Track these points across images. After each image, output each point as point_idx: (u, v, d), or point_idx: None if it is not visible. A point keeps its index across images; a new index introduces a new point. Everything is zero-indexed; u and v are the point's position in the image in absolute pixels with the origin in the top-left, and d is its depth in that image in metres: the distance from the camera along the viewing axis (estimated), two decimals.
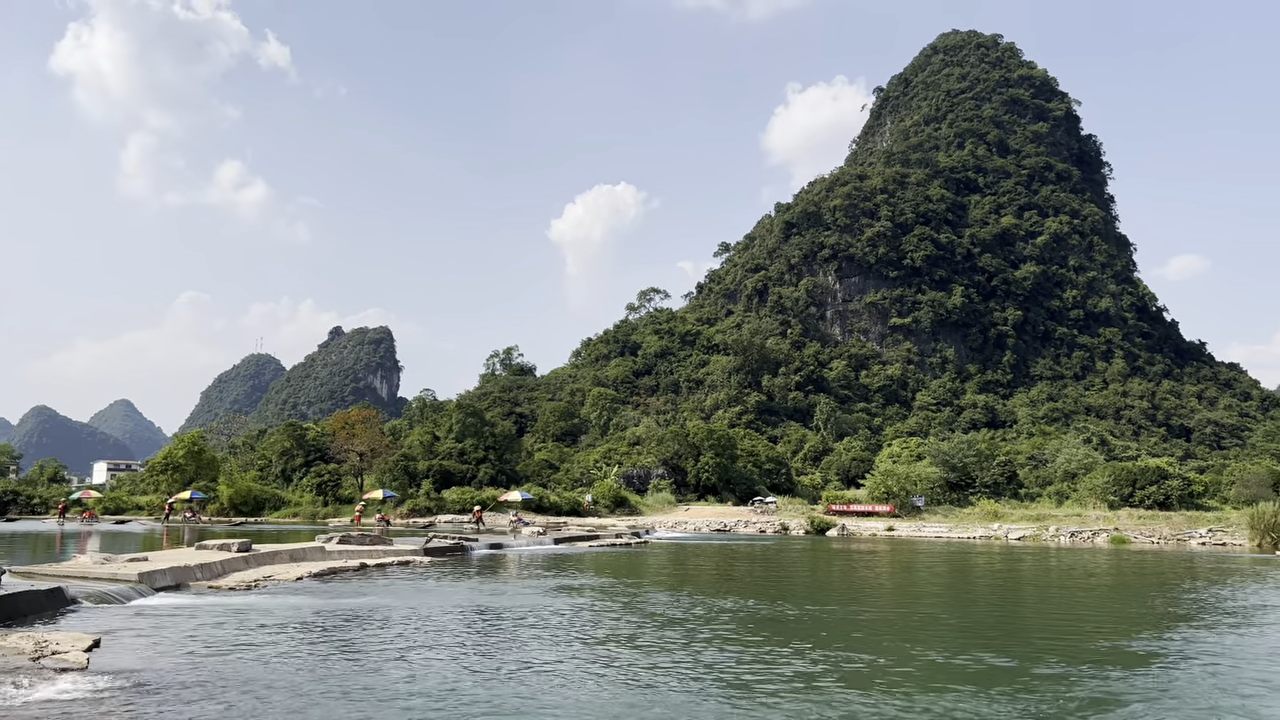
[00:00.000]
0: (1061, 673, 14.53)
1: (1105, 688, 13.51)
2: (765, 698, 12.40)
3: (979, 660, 15.56)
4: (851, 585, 31.45)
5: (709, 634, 18.06)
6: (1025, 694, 12.83)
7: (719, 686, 13.11)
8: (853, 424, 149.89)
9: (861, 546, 54.90)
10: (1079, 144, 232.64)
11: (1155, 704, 12.46)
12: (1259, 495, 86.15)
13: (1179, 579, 33.97)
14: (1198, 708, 12.28)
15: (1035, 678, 14.08)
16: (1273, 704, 12.74)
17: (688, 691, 12.72)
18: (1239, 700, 12.86)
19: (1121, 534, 62.83)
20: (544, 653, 15.68)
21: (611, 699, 12.26)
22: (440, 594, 24.40)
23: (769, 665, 14.79)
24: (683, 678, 13.67)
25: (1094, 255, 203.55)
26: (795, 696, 12.50)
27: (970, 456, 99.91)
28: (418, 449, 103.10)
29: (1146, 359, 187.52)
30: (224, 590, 23.45)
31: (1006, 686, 13.32)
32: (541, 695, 12.35)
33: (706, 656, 15.45)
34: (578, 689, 12.82)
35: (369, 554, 34.11)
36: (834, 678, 13.88)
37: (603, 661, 15.06)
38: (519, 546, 44.25)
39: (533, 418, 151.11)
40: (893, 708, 11.88)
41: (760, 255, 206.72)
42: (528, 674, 13.78)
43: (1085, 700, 12.59)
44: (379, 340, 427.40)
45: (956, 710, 11.81)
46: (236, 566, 27.38)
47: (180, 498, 79.17)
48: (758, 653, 15.95)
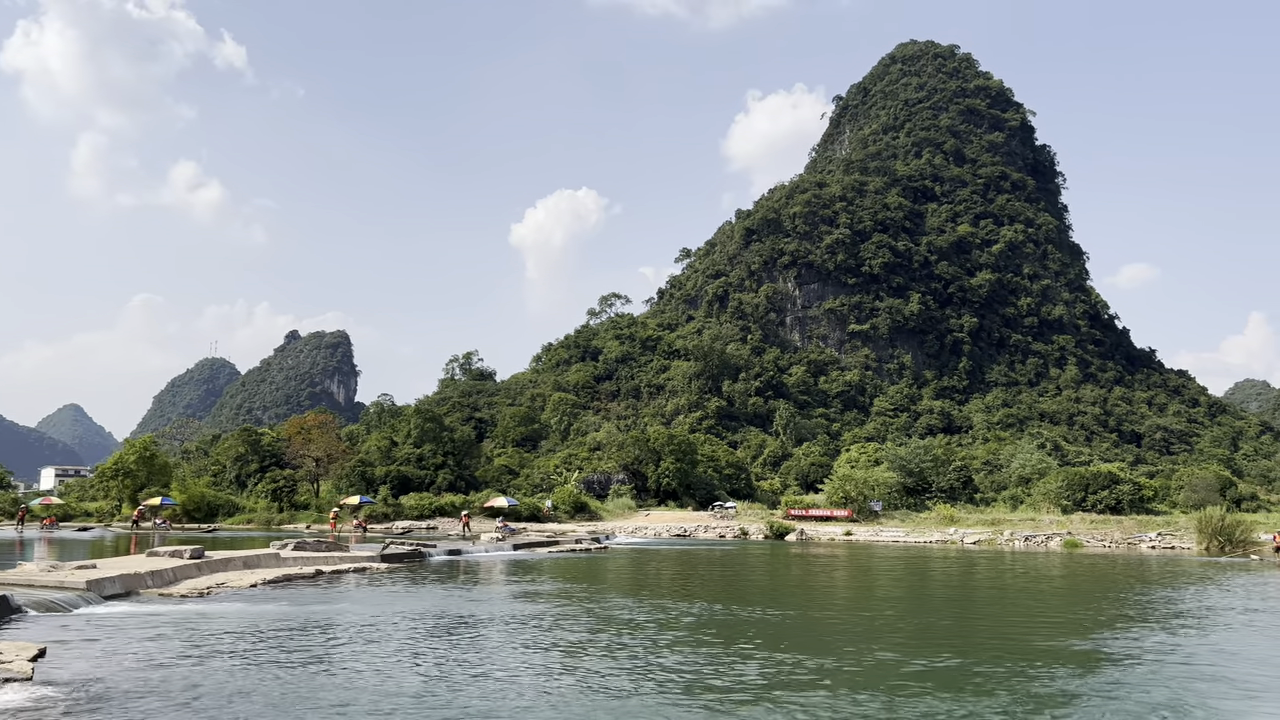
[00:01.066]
0: (1015, 672, 14.74)
1: (1057, 686, 13.72)
2: (725, 701, 12.43)
3: (934, 662, 15.73)
4: (809, 589, 31.64)
5: (669, 638, 18.07)
6: (979, 694, 12.99)
7: (678, 690, 13.12)
8: (812, 429, 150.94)
9: (820, 551, 55.28)
10: (1034, 154, 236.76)
11: (1106, 701, 12.68)
12: (1206, 499, 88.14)
13: (1129, 582, 34.62)
14: (1145, 704, 12.51)
15: (989, 678, 14.26)
16: (1218, 700, 13.03)
17: (645, 695, 12.72)
18: (1185, 696, 13.13)
19: (1074, 538, 63.84)
20: (502, 659, 15.59)
21: (570, 704, 12.22)
22: (397, 601, 24.16)
23: (728, 669, 14.83)
24: (642, 682, 13.66)
25: (1048, 264, 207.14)
26: (754, 699, 12.54)
27: (927, 462, 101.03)
28: (375, 454, 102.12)
29: (1099, 366, 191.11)
30: (175, 598, 23.03)
31: (961, 687, 13.48)
32: (499, 702, 12.28)
33: (667, 660, 15.46)
34: (536, 695, 12.76)
35: (325, 560, 33.69)
36: (792, 680, 13.95)
37: (561, 667, 15.01)
38: (478, 553, 43.96)
39: (492, 423, 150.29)
40: (849, 709, 11.97)
41: (721, 261, 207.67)
42: (485, 681, 13.69)
43: (1038, 698, 12.77)
44: (336, 344, 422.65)
45: (912, 711, 11.93)
46: (189, 574, 26.90)
47: (151, 504, 77.75)
48: (716, 657, 15.98)
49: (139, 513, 72.91)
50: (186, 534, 61.93)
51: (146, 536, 56.54)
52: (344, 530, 64.97)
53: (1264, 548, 55.06)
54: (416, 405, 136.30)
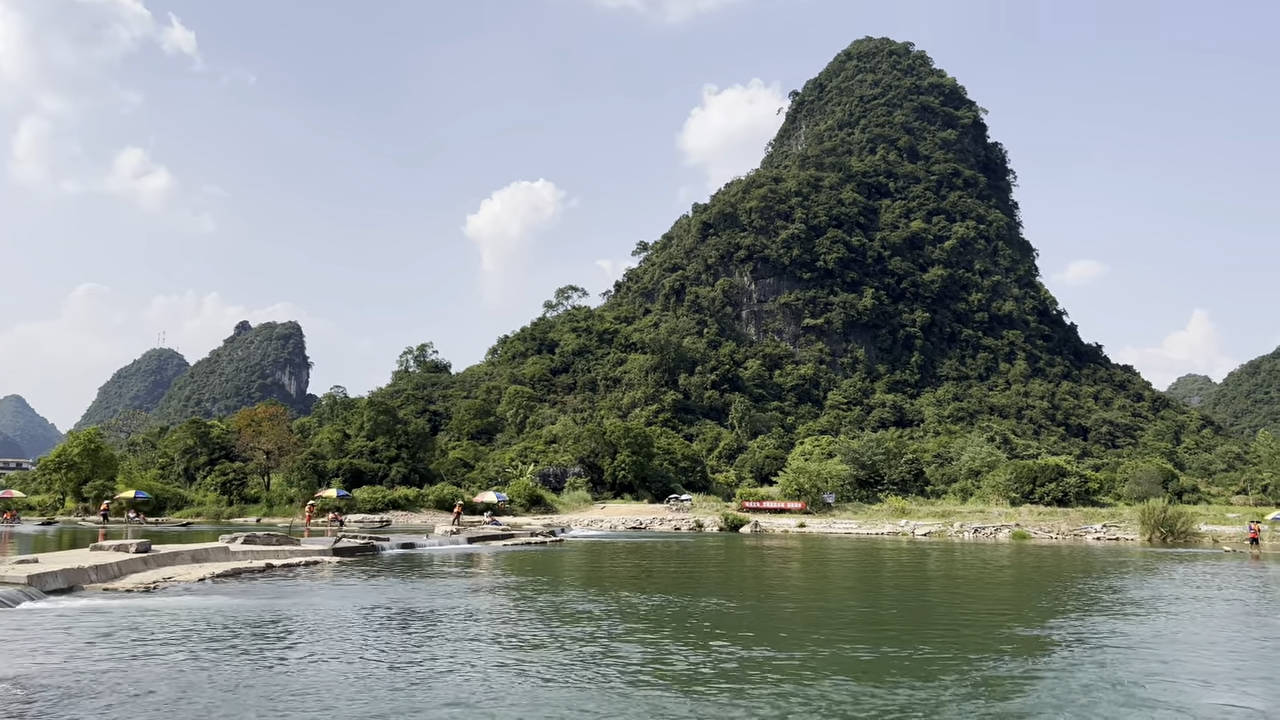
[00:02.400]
0: (966, 658, 14.97)
1: (1006, 670, 13.97)
2: (684, 690, 12.47)
3: (888, 650, 15.92)
4: (764, 581, 31.87)
5: (625, 630, 18.09)
6: (933, 680, 13.17)
7: (636, 680, 13.13)
8: (766, 422, 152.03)
9: (774, 543, 55.71)
10: (985, 151, 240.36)
11: (1053, 684, 12.93)
12: (1149, 492, 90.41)
13: (1075, 572, 35.35)
14: (1087, 685, 12.78)
15: (942, 665, 14.47)
16: (1155, 682, 13.36)
17: (603, 685, 12.72)
18: (1124, 676, 13.44)
19: (1022, 530, 65.06)
20: (456, 652, 15.49)
21: (526, 696, 12.17)
22: (348, 594, 23.91)
23: (685, 659, 14.88)
24: (599, 672, 13.66)
25: (998, 260, 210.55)
26: (714, 688, 12.60)
27: (879, 454, 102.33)
28: (327, 447, 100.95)
29: (1047, 361, 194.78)
30: (120, 593, 22.56)
31: (915, 674, 13.66)
32: (454, 695, 12.20)
33: (623, 651, 15.47)
34: (491, 688, 12.69)
35: (275, 554, 33.23)
36: (750, 669, 14.03)
37: (517, 659, 14.95)
38: (431, 546, 43.65)
39: (447, 416, 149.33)
40: (807, 697, 12.07)
41: (678, 255, 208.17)
42: (439, 674, 13.60)
43: (989, 681, 12.99)
44: (288, 336, 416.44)
45: (870, 696, 12.06)
46: (134, 568, 26.37)
47: (123, 497, 76.12)
48: (673, 647, 16.03)
49: (106, 506, 71.24)
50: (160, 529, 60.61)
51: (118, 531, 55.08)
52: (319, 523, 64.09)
53: (1227, 539, 56.54)
54: (370, 398, 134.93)
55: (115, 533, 51.98)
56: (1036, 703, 12.15)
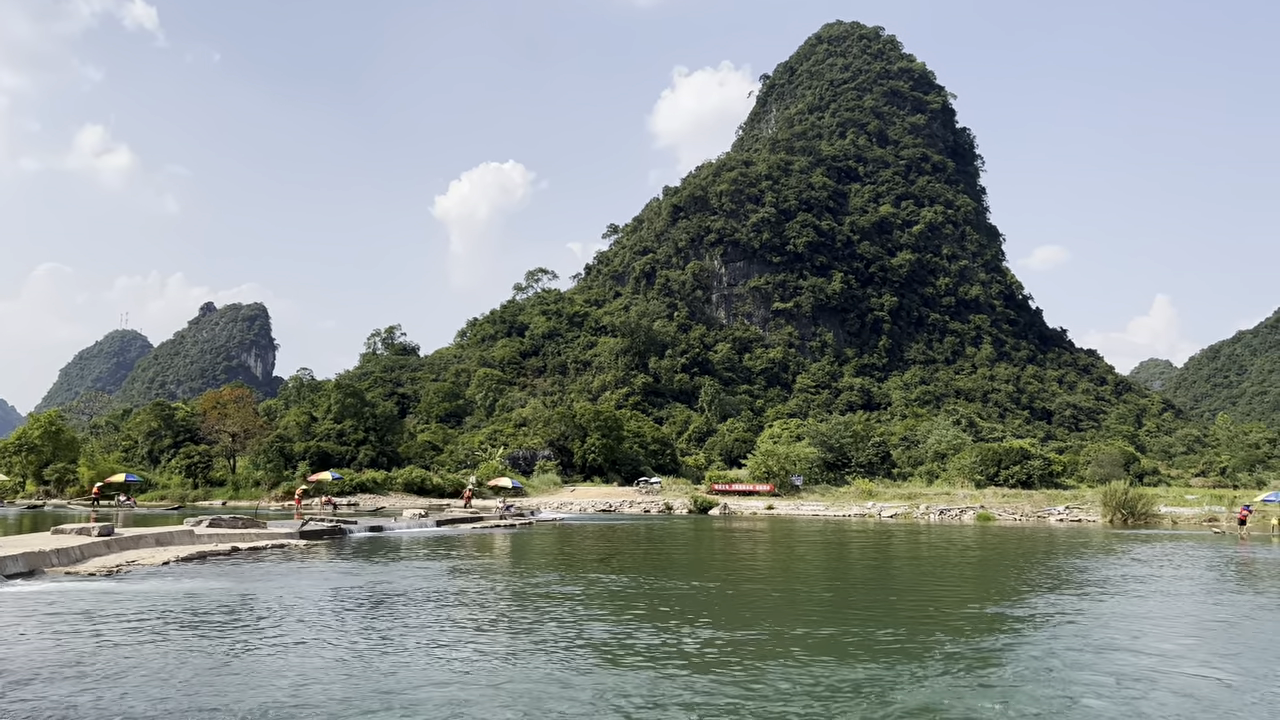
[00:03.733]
0: (932, 636, 15.17)
1: (971, 648, 14.17)
2: (654, 670, 12.54)
3: (857, 630, 16.09)
4: (733, 562, 32.08)
5: (595, 611, 18.15)
6: (900, 658, 13.34)
7: (607, 660, 13.19)
8: (736, 405, 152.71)
9: (742, 525, 56.06)
10: (954, 136, 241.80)
11: (1015, 660, 13.15)
12: (1111, 474, 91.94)
13: (1038, 553, 35.90)
14: (1049, 662, 13.01)
15: (908, 643, 14.65)
16: (1116, 656, 13.62)
17: (564, 666, 12.76)
18: (1085, 656, 13.70)
19: (987, 511, 65.92)
20: (426, 635, 15.46)
21: (497, 678, 12.19)
22: (315, 578, 23.77)
23: (655, 639, 14.96)
24: (570, 653, 13.70)
25: (966, 244, 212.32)
26: (687, 667, 12.68)
27: (847, 437, 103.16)
28: (294, 430, 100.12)
29: (1012, 345, 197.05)
30: (82, 576, 22.29)
31: (882, 652, 13.83)
32: (424, 677, 12.19)
33: (593, 632, 15.52)
34: (456, 669, 12.69)
35: (241, 537, 32.97)
36: (720, 649, 14.14)
37: (486, 641, 14.96)
38: (400, 530, 43.50)
39: (416, 398, 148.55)
40: (777, 676, 12.19)
41: (648, 238, 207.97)
42: (405, 656, 13.57)
43: (954, 658, 13.18)
44: (253, 317, 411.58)
45: (841, 671, 12.20)
46: (97, 551, 26.06)
47: (114, 480, 75.07)
48: (642, 627, 16.11)
49: (97, 490, 70.01)
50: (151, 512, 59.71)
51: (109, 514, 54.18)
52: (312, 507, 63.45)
53: (1187, 521, 57.62)
54: (337, 380, 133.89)
55: (106, 515, 51.31)
56: (1008, 676, 12.35)
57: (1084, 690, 11.86)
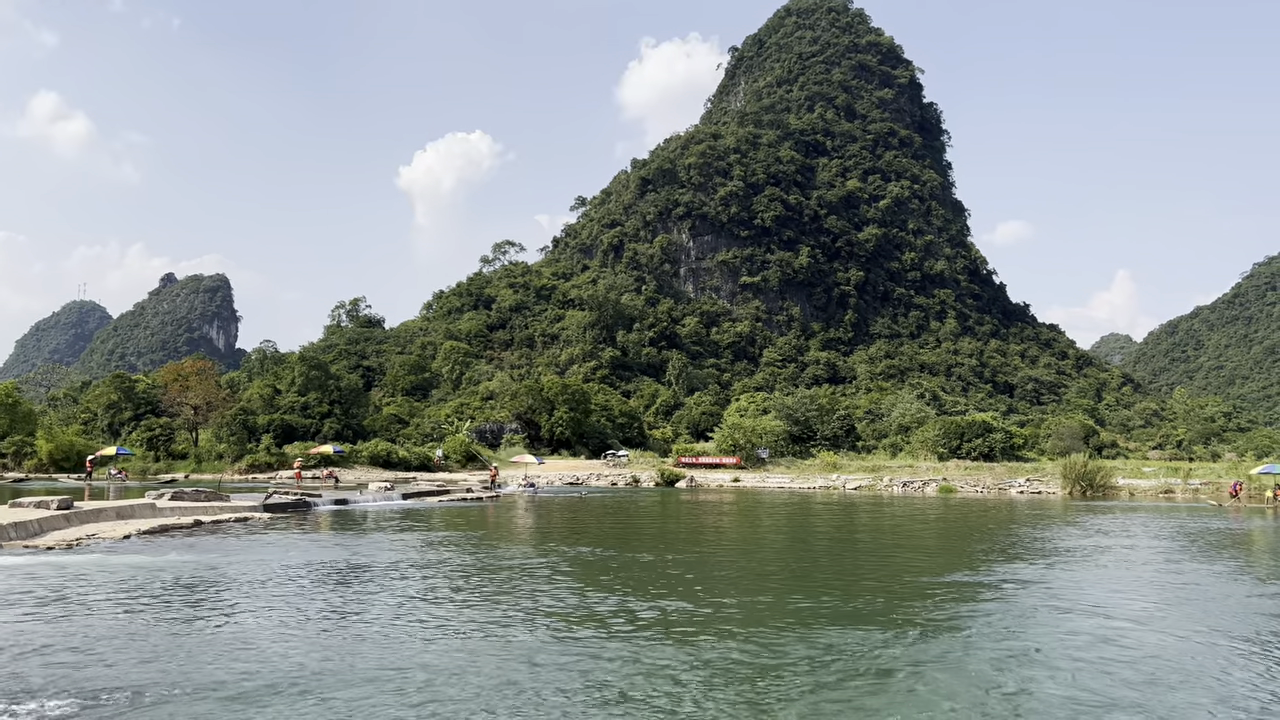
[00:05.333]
0: (897, 604, 15.40)
1: (934, 616, 14.40)
2: (624, 640, 12.61)
3: (822, 598, 16.28)
4: (699, 534, 32.30)
5: (563, 582, 18.21)
6: (867, 624, 13.53)
7: (574, 631, 13.25)
8: (703, 379, 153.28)
9: (709, 497, 56.41)
10: (921, 111, 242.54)
11: (977, 626, 13.39)
12: (1071, 447, 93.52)
13: (998, 524, 36.49)
14: (1007, 626, 13.27)
15: (874, 610, 14.86)
16: (1072, 620, 13.92)
17: (530, 635, 12.81)
18: (1043, 622, 13.99)
19: (949, 484, 66.75)
20: (387, 606, 15.44)
21: (454, 647, 12.21)
22: (280, 551, 23.61)
23: (623, 609, 15.04)
24: (537, 624, 13.75)
25: (931, 219, 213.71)
26: (656, 636, 12.77)
27: (812, 411, 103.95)
28: (258, 402, 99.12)
29: (976, 319, 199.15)
30: (41, 550, 21.99)
31: (850, 619, 14.01)
32: (384, 647, 12.17)
33: (562, 603, 15.58)
34: (421, 639, 12.69)
35: (204, 510, 32.65)
36: (689, 618, 14.25)
37: (452, 615, 14.96)
38: (365, 503, 43.31)
39: (381, 371, 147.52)
40: (742, 643, 12.30)
41: (616, 211, 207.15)
42: (371, 628, 13.55)
43: (917, 625, 13.39)
44: (215, 288, 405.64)
45: (811, 638, 12.34)
46: (56, 525, 25.70)
47: (104, 453, 73.66)
48: (610, 598, 16.19)
49: (90, 464, 68.55)
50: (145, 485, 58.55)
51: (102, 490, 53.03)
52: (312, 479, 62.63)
53: (1143, 492, 58.75)
54: (301, 352, 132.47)
55: (100, 490, 50.50)
56: (973, 637, 12.57)
57: (1042, 647, 12.11)
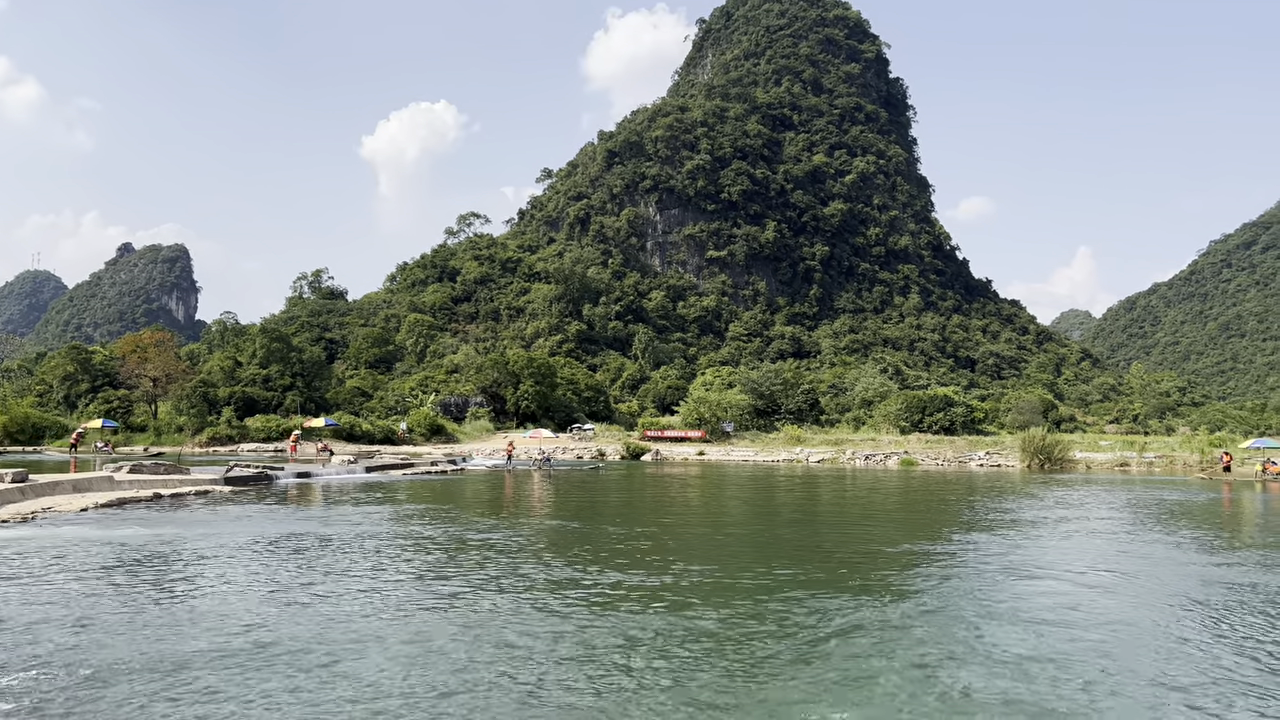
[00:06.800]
0: (859, 572, 15.61)
1: (895, 583, 14.62)
2: (587, 610, 12.68)
3: (782, 570, 16.45)
4: (662, 507, 32.47)
5: (528, 555, 18.25)
6: (830, 590, 13.70)
7: (539, 602, 13.30)
8: (669, 353, 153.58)
9: (674, 470, 56.70)
10: (887, 86, 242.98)
11: (934, 593, 13.62)
12: (1030, 421, 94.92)
13: (958, 496, 37.04)
14: (965, 592, 13.52)
15: (837, 578, 15.05)
16: (1031, 585, 14.22)
17: (494, 609, 12.84)
18: (1003, 587, 14.27)
19: (910, 457, 67.59)
20: (351, 580, 15.39)
21: (419, 620, 12.21)
22: (241, 524, 23.42)
23: (588, 581, 15.11)
24: (501, 596, 13.77)
25: (896, 195, 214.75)
26: (617, 606, 12.85)
27: (777, 385, 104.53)
28: (218, 375, 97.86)
29: (939, 295, 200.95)
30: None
31: (814, 586, 14.18)
32: (351, 620, 12.15)
33: (527, 576, 15.61)
34: (386, 612, 12.68)
35: (163, 484, 32.29)
36: (644, 591, 14.34)
37: (417, 588, 14.95)
38: (329, 476, 43.02)
39: (344, 344, 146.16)
40: (708, 611, 12.42)
41: (583, 183, 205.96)
42: (335, 601, 13.50)
43: (879, 592, 13.59)
44: (174, 258, 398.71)
45: (765, 613, 12.48)
46: (10, 498, 25.30)
47: (92, 426, 72.14)
48: (575, 570, 16.26)
49: (77, 436, 67.04)
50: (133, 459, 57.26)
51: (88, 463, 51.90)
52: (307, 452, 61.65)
53: (1099, 465, 59.80)
54: (262, 324, 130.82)
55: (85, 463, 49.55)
56: (937, 602, 12.79)
57: (1004, 610, 12.36)
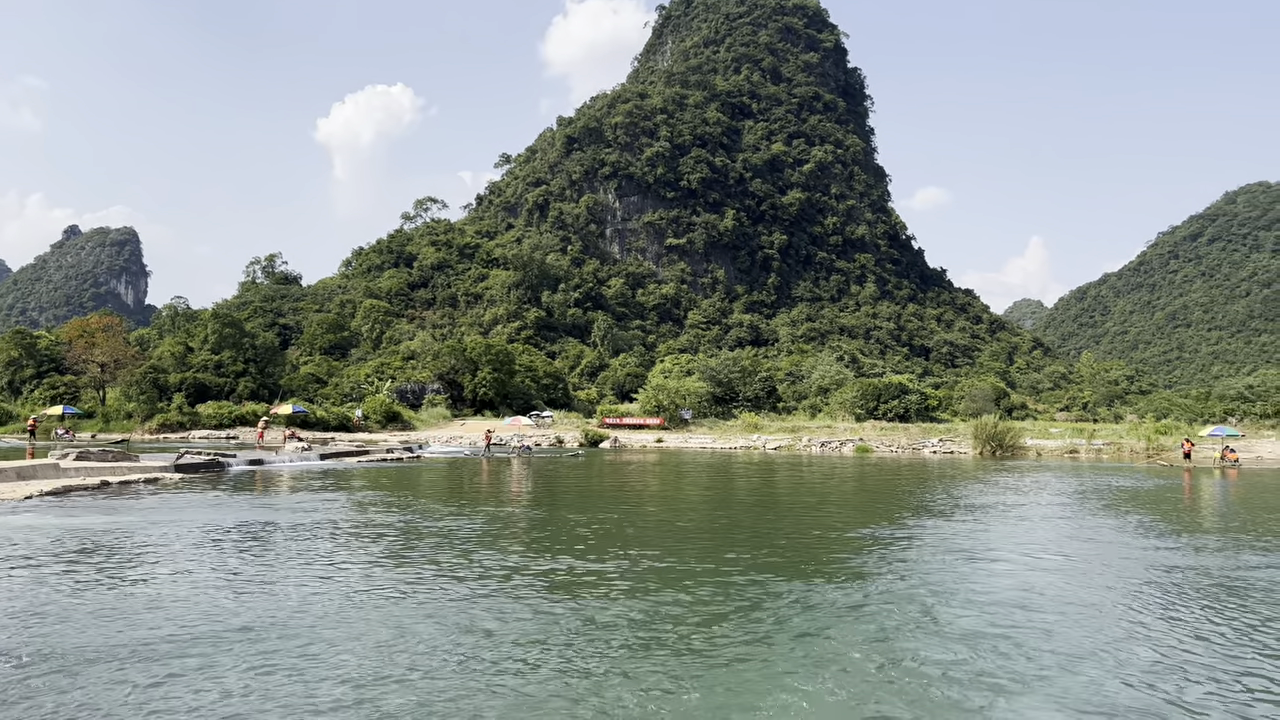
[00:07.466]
0: (815, 556, 15.74)
1: (852, 567, 14.78)
2: (540, 596, 12.66)
3: (739, 556, 16.54)
4: (620, 493, 32.49)
5: (484, 543, 18.16)
6: (787, 575, 13.80)
7: (494, 588, 13.24)
8: (628, 340, 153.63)
9: (632, 457, 56.77)
10: (845, 76, 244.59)
11: (889, 577, 13.79)
12: (983, 409, 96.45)
13: (911, 482, 37.51)
14: (918, 577, 13.70)
15: (792, 562, 15.17)
16: (982, 566, 14.45)
17: (448, 597, 12.78)
18: (956, 569, 14.49)
19: (865, 444, 68.29)
20: (306, 568, 15.21)
21: (381, 610, 12.11)
22: (191, 512, 23.03)
23: (543, 567, 15.08)
24: (455, 583, 13.70)
25: (854, 184, 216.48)
26: (571, 592, 12.84)
27: (735, 372, 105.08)
28: (169, 360, 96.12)
29: (895, 284, 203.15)
30: None
31: (771, 570, 14.28)
32: (305, 608, 12.01)
33: (484, 564, 15.54)
34: (341, 599, 12.55)
35: (111, 471, 31.66)
36: (597, 578, 14.35)
37: (372, 575, 14.82)
38: (281, 463, 42.47)
39: (298, 330, 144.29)
40: (664, 595, 12.45)
41: (542, 169, 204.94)
42: (289, 589, 13.34)
43: (835, 575, 13.72)
44: (123, 242, 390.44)
45: (719, 598, 12.54)
46: None
47: (50, 413, 69.92)
48: (530, 557, 16.22)
49: (33, 423, 64.83)
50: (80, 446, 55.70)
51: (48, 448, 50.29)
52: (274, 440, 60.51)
53: (1050, 452, 60.86)
54: (214, 309, 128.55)
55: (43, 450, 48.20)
56: (892, 583, 12.94)
57: (957, 590, 12.55)
